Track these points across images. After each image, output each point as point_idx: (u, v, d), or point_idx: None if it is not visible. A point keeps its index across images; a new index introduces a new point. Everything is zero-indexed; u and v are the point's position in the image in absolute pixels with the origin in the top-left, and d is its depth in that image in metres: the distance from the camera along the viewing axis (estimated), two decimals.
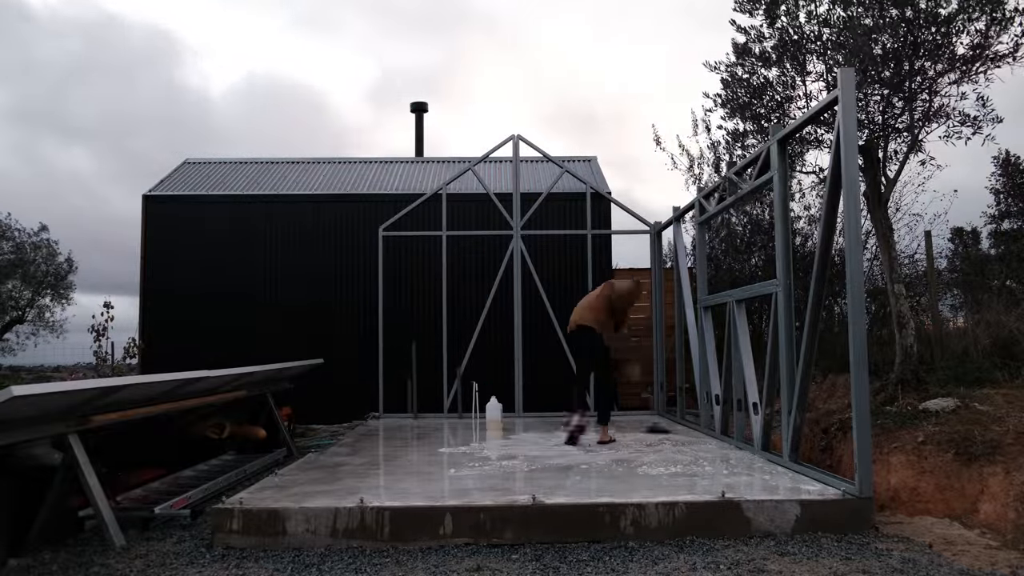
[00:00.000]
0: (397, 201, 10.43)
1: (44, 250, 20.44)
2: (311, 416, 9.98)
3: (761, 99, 7.72)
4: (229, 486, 5.61)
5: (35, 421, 3.94)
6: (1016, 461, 4.50)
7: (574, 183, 10.17)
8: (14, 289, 20.24)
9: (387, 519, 4.03)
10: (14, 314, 20.27)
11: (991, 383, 6.34)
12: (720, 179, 7.21)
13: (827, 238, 4.95)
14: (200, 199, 11.16)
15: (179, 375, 5.12)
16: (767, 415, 5.72)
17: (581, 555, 3.80)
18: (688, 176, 12.24)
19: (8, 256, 19.91)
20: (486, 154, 9.60)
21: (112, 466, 4.98)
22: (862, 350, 4.36)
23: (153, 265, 10.90)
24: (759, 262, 11.55)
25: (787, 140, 5.61)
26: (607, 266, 10.81)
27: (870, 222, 7.66)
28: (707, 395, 7.41)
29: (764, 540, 3.98)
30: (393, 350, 9.33)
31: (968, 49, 6.56)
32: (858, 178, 5.55)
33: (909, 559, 3.64)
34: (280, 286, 10.85)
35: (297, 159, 13.21)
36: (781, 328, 5.33)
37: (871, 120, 6.93)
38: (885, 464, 5.24)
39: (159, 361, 10.12)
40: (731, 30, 7.81)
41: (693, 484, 4.66)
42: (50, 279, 20.51)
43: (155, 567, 3.78)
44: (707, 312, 7.66)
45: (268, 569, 3.68)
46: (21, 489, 4.17)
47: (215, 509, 4.14)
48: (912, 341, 6.85)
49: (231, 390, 6.51)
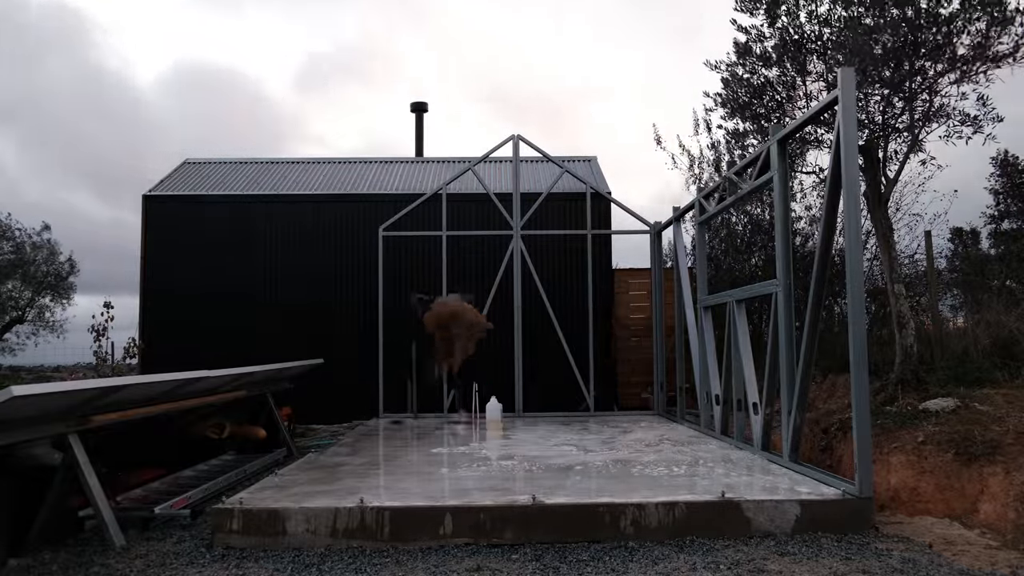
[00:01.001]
0: (397, 201, 10.43)
1: (45, 250, 20.44)
2: (311, 416, 9.97)
3: (761, 99, 7.71)
4: (229, 486, 5.61)
5: (35, 421, 3.94)
6: (1016, 461, 4.50)
7: (574, 183, 10.17)
8: (14, 289, 20.24)
9: (387, 519, 4.03)
10: (14, 314, 20.27)
11: (991, 383, 6.33)
12: (720, 179, 7.21)
13: (827, 238, 4.95)
14: (200, 199, 11.16)
15: (179, 375, 5.12)
16: (767, 415, 5.72)
17: (581, 555, 3.80)
18: (688, 176, 12.24)
19: (8, 256, 19.91)
20: (486, 154, 9.60)
21: (112, 466, 4.99)
22: (862, 350, 4.36)
23: (153, 265, 10.90)
24: (759, 262, 11.54)
25: (787, 140, 5.61)
26: (607, 266, 10.82)
27: (870, 222, 7.66)
28: (707, 395, 7.40)
29: (764, 540, 3.98)
30: (393, 350, 9.33)
31: (968, 49, 6.55)
32: (858, 178, 5.54)
33: (909, 559, 3.64)
34: (280, 286, 10.85)
35: (297, 159, 13.22)
36: (781, 328, 5.33)
37: (871, 120, 6.93)
38: (885, 464, 5.24)
39: (159, 361, 10.12)
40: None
41: (693, 484, 4.66)
42: (50, 279, 20.51)
43: (155, 567, 3.78)
44: (707, 312, 7.66)
45: (268, 569, 3.68)
46: (21, 489, 4.17)
47: (215, 509, 4.14)
48: (912, 341, 6.85)
49: (231, 390, 6.51)
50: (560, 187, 10.29)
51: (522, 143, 9.48)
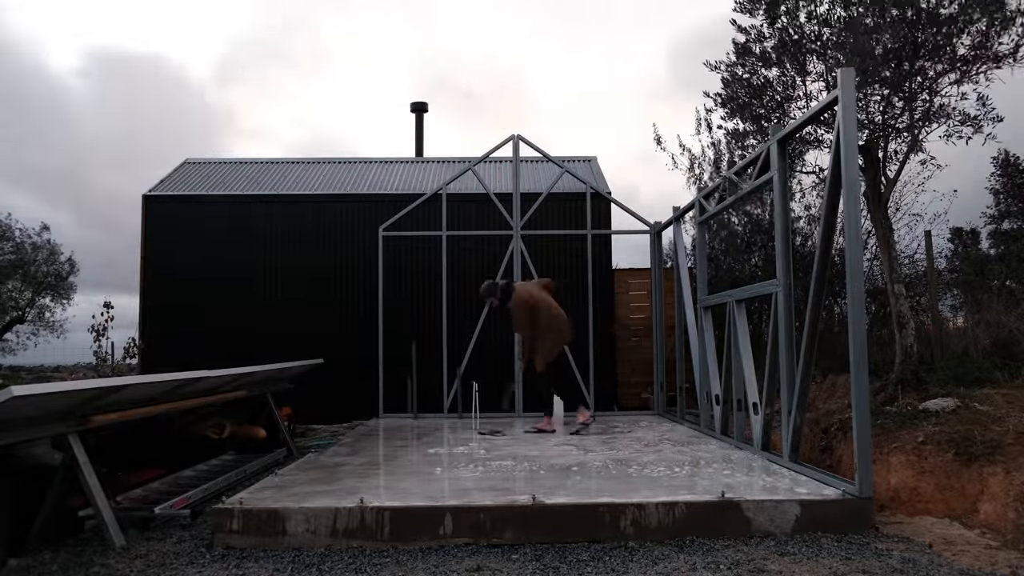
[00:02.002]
0: (397, 201, 10.44)
1: (45, 250, 20.46)
2: (311, 416, 9.98)
3: (761, 99, 7.72)
4: (229, 486, 5.61)
5: (35, 421, 3.94)
6: (1016, 461, 4.50)
7: (574, 183, 10.17)
8: (14, 289, 20.25)
9: (387, 519, 4.03)
10: (14, 314, 20.29)
11: (991, 383, 6.34)
12: (720, 179, 7.21)
13: (827, 238, 4.95)
14: (200, 199, 11.16)
15: (179, 375, 5.12)
16: (767, 415, 5.72)
17: (581, 555, 3.80)
18: (688, 176, 12.25)
19: (8, 256, 19.92)
20: (486, 154, 9.60)
21: (112, 466, 4.99)
22: (862, 350, 4.36)
23: (153, 265, 10.91)
24: (759, 262, 11.55)
25: (787, 140, 5.61)
26: (607, 266, 10.82)
27: (870, 222, 7.66)
28: (707, 395, 7.41)
29: (764, 540, 3.98)
30: (393, 350, 9.33)
31: (969, 50, 6.55)
32: (858, 178, 5.55)
33: (909, 559, 3.64)
34: (280, 286, 10.85)
35: (297, 159, 13.23)
36: (781, 328, 5.33)
37: (871, 120, 6.93)
38: (885, 464, 5.25)
39: (159, 361, 10.13)
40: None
41: (693, 484, 4.66)
42: (51, 279, 20.53)
43: (155, 567, 3.78)
44: (707, 312, 7.66)
45: (268, 569, 3.68)
46: (21, 489, 4.17)
47: (215, 509, 4.14)
48: (912, 341, 6.85)
49: (231, 390, 6.51)
50: (560, 187, 10.29)
51: (522, 143, 9.49)
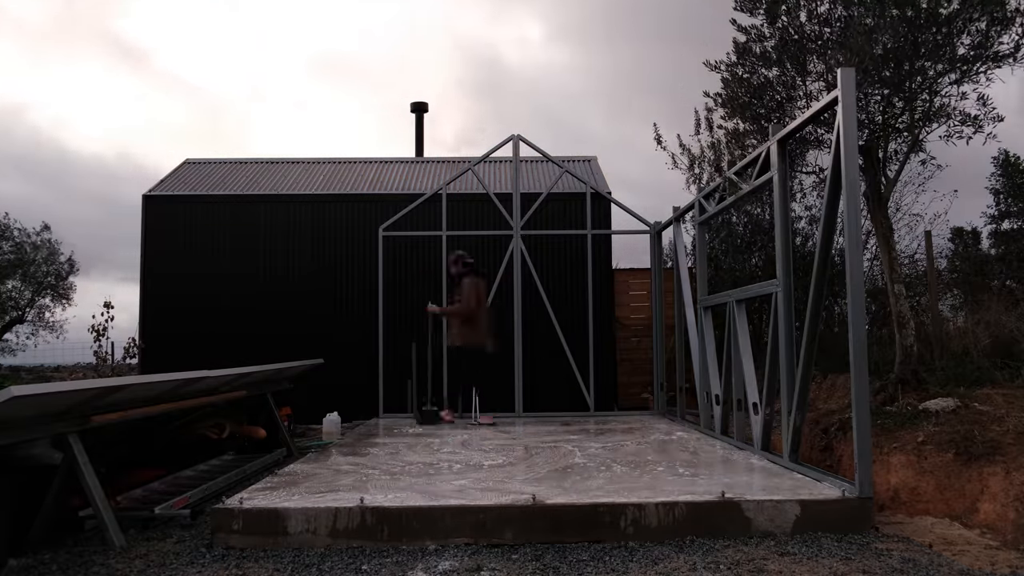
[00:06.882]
0: (397, 201, 10.43)
1: (45, 250, 20.45)
2: (311, 416, 9.97)
3: (761, 99, 7.71)
4: (229, 486, 5.61)
5: (35, 421, 3.94)
6: (1016, 461, 4.50)
7: (574, 183, 10.17)
8: (14, 289, 20.25)
9: (387, 519, 4.03)
10: (14, 314, 20.28)
11: (991, 383, 6.34)
12: (720, 179, 7.21)
13: (827, 238, 4.95)
14: (200, 199, 11.16)
15: (179, 375, 5.12)
16: (767, 415, 5.72)
17: (581, 555, 3.80)
18: (688, 176, 12.26)
19: (8, 256, 19.92)
20: (486, 154, 9.60)
21: (112, 466, 4.99)
22: (862, 350, 4.36)
23: (153, 265, 10.90)
24: (759, 262, 11.55)
25: (787, 140, 5.61)
26: (607, 266, 10.82)
27: (870, 222, 7.67)
28: (707, 395, 7.40)
29: (764, 540, 3.98)
30: (393, 350, 9.33)
31: (969, 49, 6.56)
32: (858, 178, 5.54)
33: (909, 559, 3.64)
34: (280, 285, 10.84)
35: (297, 159, 13.21)
36: (781, 328, 5.33)
37: (871, 120, 6.93)
38: (885, 464, 5.25)
39: (159, 361, 10.12)
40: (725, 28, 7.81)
41: (693, 484, 4.65)
42: (51, 279, 20.53)
43: (155, 567, 3.78)
44: (707, 312, 7.66)
45: (268, 569, 3.68)
46: (21, 489, 4.17)
47: (215, 509, 4.14)
48: (912, 341, 6.85)
49: (231, 390, 6.51)
50: (560, 187, 10.29)
51: (522, 143, 9.49)
